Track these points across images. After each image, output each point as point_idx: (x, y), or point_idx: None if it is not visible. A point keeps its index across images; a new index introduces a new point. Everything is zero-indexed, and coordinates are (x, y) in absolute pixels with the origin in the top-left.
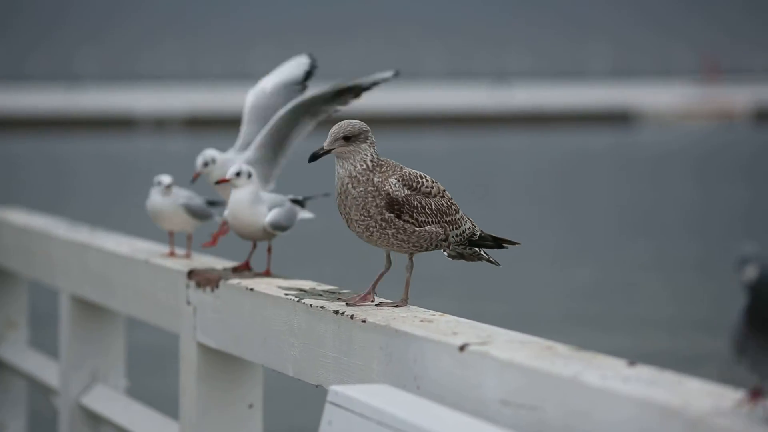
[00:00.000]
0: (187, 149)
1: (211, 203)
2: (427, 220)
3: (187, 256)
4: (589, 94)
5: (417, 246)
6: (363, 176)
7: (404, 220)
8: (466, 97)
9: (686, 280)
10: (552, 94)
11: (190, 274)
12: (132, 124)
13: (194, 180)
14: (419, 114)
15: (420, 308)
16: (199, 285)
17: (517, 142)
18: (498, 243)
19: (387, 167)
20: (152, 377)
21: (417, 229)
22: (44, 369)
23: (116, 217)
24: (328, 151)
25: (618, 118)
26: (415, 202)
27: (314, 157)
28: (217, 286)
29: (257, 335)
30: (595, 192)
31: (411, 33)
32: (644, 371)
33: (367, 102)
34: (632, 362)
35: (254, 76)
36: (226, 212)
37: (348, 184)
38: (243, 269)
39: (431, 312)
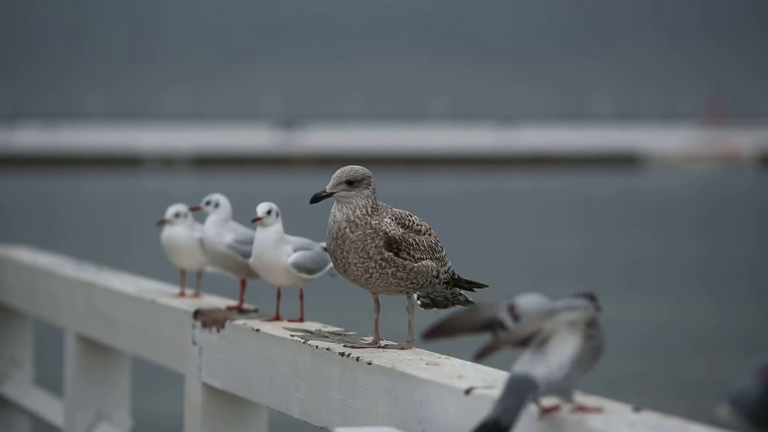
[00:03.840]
0: (193, 187)
1: None
2: (422, 256)
3: (196, 295)
4: (595, 137)
5: (414, 283)
6: (361, 221)
7: (402, 258)
8: (472, 138)
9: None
10: (558, 136)
11: (196, 314)
12: (138, 163)
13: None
14: (424, 155)
15: (425, 351)
16: (204, 325)
17: (522, 184)
18: (469, 286)
19: (380, 209)
20: (157, 417)
21: (415, 264)
22: (49, 407)
23: (122, 255)
24: (330, 194)
25: (624, 161)
26: (410, 239)
27: (316, 199)
28: (223, 327)
29: (263, 376)
30: (598, 239)
31: (417, 74)
32: (649, 417)
33: (372, 143)
34: (637, 408)
35: (259, 116)
36: (252, 256)
37: (346, 228)
38: (274, 319)
39: (437, 355)
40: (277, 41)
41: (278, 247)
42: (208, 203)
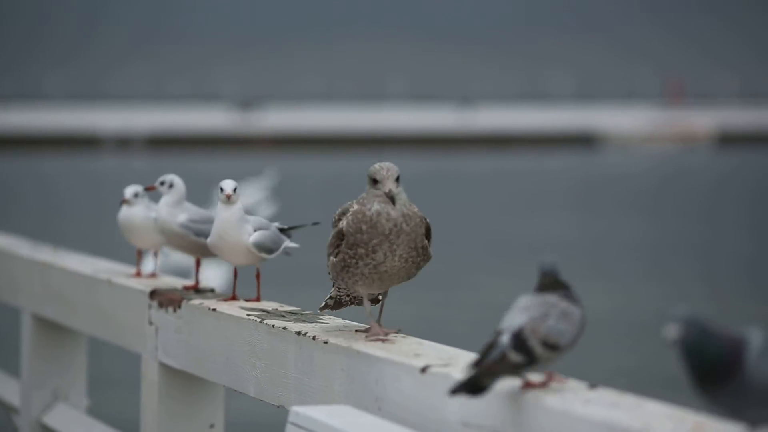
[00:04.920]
0: (149, 168)
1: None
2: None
3: (153, 275)
4: (554, 117)
5: (416, 273)
6: (411, 211)
7: (429, 245)
8: (431, 118)
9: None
10: (516, 116)
11: (153, 294)
12: (95, 143)
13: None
14: (384, 135)
15: (383, 329)
16: (161, 305)
17: (482, 164)
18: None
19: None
20: (114, 396)
21: (431, 251)
22: (5, 387)
23: (79, 236)
24: (393, 193)
25: (582, 141)
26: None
27: (393, 200)
28: (179, 307)
29: (219, 355)
30: (557, 219)
31: (374, 55)
32: (605, 394)
33: (331, 123)
34: (593, 385)
35: (217, 97)
36: (211, 234)
37: (402, 223)
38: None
39: (393, 333)
40: (236, 21)
41: (240, 227)
42: (162, 183)
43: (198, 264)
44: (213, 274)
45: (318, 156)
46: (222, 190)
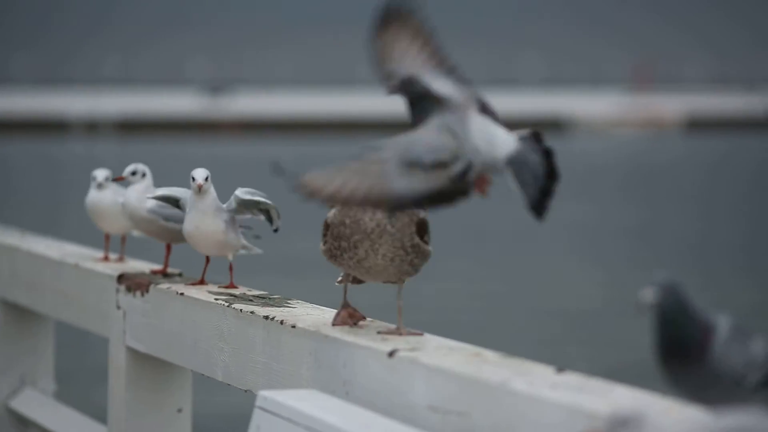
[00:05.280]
0: (118, 152)
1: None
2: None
3: (120, 259)
4: (521, 102)
5: (416, 269)
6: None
7: (424, 242)
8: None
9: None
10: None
11: (120, 278)
12: (64, 127)
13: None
14: (354, 120)
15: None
16: (129, 289)
17: None
18: None
19: None
20: (82, 381)
21: (428, 248)
22: None
23: (47, 220)
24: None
25: (550, 126)
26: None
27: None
28: (147, 291)
29: (187, 340)
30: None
31: (344, 39)
32: (572, 378)
33: (301, 108)
34: (561, 369)
35: (186, 81)
36: (184, 225)
37: (386, 224)
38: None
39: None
40: (205, 5)
41: (216, 216)
42: (134, 173)
43: (168, 249)
44: None
45: (288, 140)
46: (193, 179)
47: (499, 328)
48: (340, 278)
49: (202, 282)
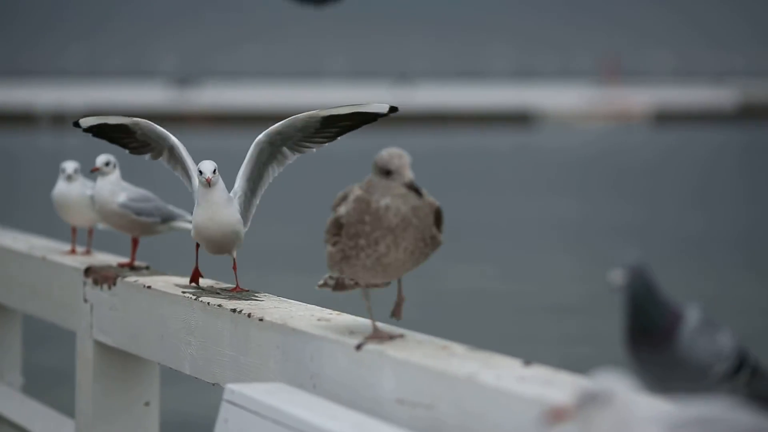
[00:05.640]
0: (85, 145)
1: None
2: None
3: (87, 252)
4: (490, 95)
5: (424, 261)
6: (421, 203)
7: (440, 231)
8: (368, 95)
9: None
10: (453, 93)
11: (87, 271)
12: (31, 120)
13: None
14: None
15: (317, 307)
16: (96, 282)
17: (419, 141)
18: None
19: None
20: (49, 374)
21: (440, 238)
22: None
23: (14, 213)
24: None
25: (519, 119)
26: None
27: (419, 192)
28: (114, 284)
29: (154, 333)
30: (494, 197)
31: (312, 32)
32: (539, 371)
33: (270, 100)
34: (528, 362)
35: (154, 73)
36: (195, 218)
37: (411, 217)
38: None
39: (328, 311)
40: None
41: (229, 206)
42: (108, 164)
43: (135, 242)
44: None
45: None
46: (201, 173)
47: (468, 322)
48: (322, 281)
49: (198, 273)
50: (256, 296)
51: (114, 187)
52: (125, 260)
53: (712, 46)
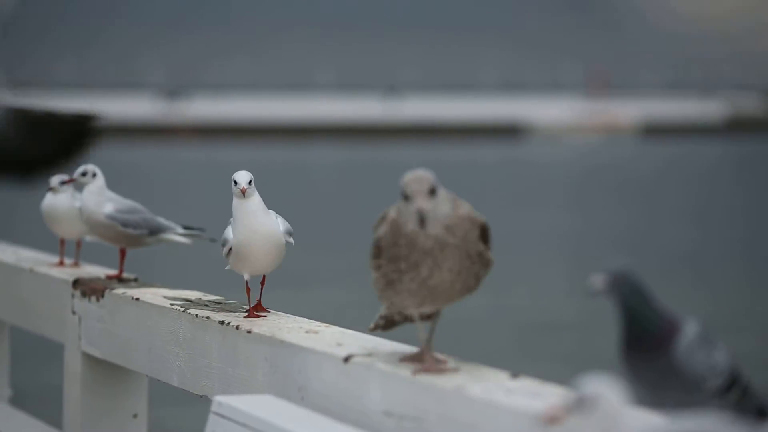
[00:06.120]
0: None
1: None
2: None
3: (75, 264)
4: (478, 108)
5: (478, 283)
6: (456, 220)
7: (488, 249)
8: (357, 108)
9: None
10: (442, 106)
11: (76, 283)
12: None
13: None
14: (310, 124)
15: (305, 319)
16: (84, 294)
17: (408, 153)
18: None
19: (450, 195)
20: (37, 387)
21: (491, 256)
22: None
23: (2, 225)
24: (427, 212)
25: (508, 132)
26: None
27: (423, 222)
28: (102, 296)
29: (142, 345)
30: (482, 209)
31: (301, 45)
32: (527, 383)
33: (258, 113)
34: (515, 374)
35: (143, 86)
36: (235, 235)
37: (446, 236)
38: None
39: (317, 323)
40: (163, 9)
41: (268, 216)
42: (84, 174)
43: (122, 254)
44: None
45: (244, 145)
46: (236, 183)
47: (458, 336)
48: (372, 324)
49: (259, 308)
50: (244, 308)
51: (100, 197)
52: (113, 272)
53: (702, 59)
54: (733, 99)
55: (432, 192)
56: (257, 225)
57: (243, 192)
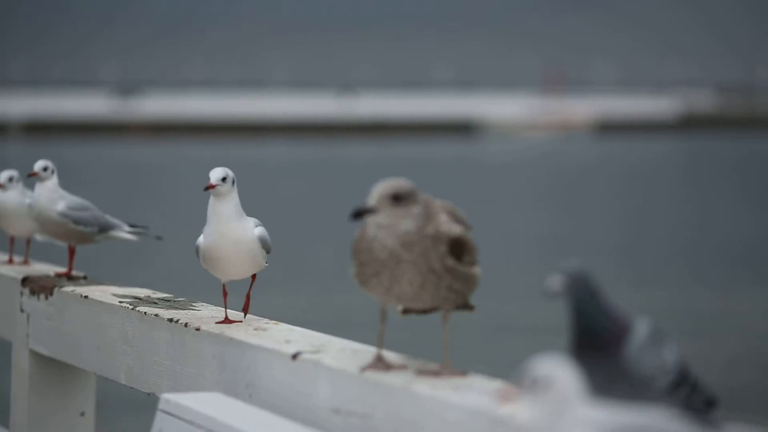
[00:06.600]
0: (25, 154)
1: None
2: (475, 259)
3: (25, 262)
4: (433, 105)
5: (463, 294)
6: (417, 237)
7: (463, 263)
8: (312, 105)
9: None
10: (397, 103)
11: (24, 281)
12: None
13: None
14: (265, 122)
15: (255, 316)
16: (33, 292)
17: (362, 150)
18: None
19: (429, 207)
20: None
21: (472, 270)
22: None
23: None
24: (374, 210)
25: (462, 129)
26: (469, 238)
27: (359, 215)
28: (51, 294)
29: (91, 343)
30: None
31: (257, 43)
32: (475, 381)
33: (212, 110)
34: (463, 371)
35: (95, 84)
36: (204, 237)
37: (401, 252)
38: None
39: (266, 320)
40: (118, 7)
41: (241, 221)
42: (45, 169)
43: (72, 252)
44: None
45: (197, 142)
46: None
47: (411, 333)
48: (401, 307)
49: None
50: (194, 306)
51: (52, 194)
52: (63, 270)
53: (654, 57)
54: (686, 96)
55: (396, 199)
56: (227, 229)
57: (210, 188)
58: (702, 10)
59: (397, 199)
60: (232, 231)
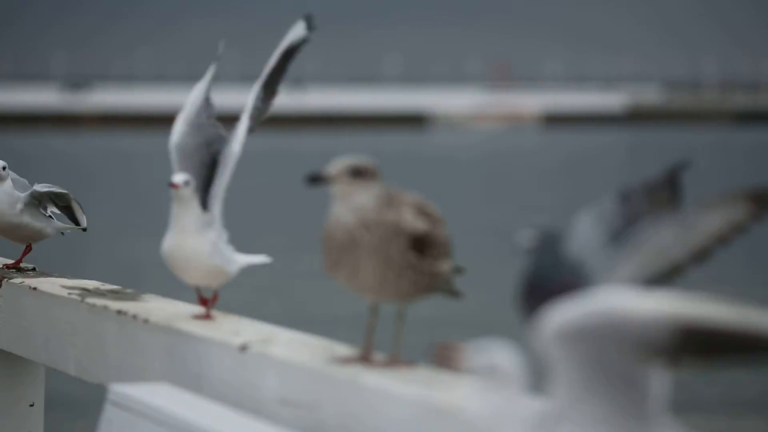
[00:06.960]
0: None
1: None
2: (444, 255)
3: None
4: (384, 98)
5: (430, 290)
6: (377, 219)
7: (427, 258)
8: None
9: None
10: (346, 97)
11: None
12: None
13: None
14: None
15: (203, 308)
16: None
17: (312, 143)
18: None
19: (395, 198)
20: None
21: (438, 266)
22: None
23: None
24: (329, 179)
25: (412, 121)
26: (437, 234)
27: (314, 180)
28: (0, 286)
29: (39, 334)
30: None
31: (205, 36)
32: (423, 373)
33: (161, 102)
34: (411, 363)
35: (47, 77)
36: (165, 242)
37: (357, 233)
38: None
39: (214, 312)
40: (67, 1)
41: (203, 233)
42: (4, 168)
43: (29, 248)
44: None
45: (147, 133)
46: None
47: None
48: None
49: (207, 316)
50: (143, 298)
51: (10, 197)
52: (11, 262)
53: (603, 51)
54: (633, 90)
55: (355, 174)
56: (183, 242)
57: (173, 186)
58: (652, 9)
59: (357, 173)
60: (187, 244)
